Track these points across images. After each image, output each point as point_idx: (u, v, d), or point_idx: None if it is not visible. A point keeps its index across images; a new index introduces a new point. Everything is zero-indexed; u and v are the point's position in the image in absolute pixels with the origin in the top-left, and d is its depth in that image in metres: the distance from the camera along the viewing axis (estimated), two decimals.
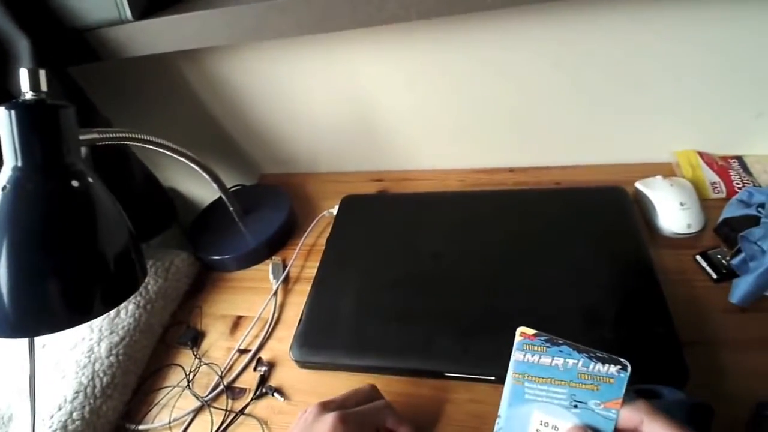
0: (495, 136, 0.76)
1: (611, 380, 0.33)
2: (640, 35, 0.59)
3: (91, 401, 0.55)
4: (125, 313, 0.62)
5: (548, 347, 0.34)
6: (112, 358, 0.58)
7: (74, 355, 0.58)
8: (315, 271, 0.66)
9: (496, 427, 0.35)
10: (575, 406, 0.33)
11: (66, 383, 0.56)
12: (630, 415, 0.32)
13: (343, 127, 0.79)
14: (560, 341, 0.34)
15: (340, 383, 0.55)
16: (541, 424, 0.33)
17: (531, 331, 0.35)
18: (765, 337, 0.50)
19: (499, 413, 0.34)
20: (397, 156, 0.83)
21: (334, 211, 0.75)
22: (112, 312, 0.61)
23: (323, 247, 0.69)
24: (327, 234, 0.71)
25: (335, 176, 0.87)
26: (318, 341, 0.57)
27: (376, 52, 0.67)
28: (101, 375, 0.57)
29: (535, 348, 0.34)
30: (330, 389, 0.55)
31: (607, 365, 0.33)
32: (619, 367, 0.33)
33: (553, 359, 0.34)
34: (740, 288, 0.52)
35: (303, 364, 0.57)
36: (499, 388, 0.36)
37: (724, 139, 0.69)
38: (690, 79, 0.63)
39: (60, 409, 0.53)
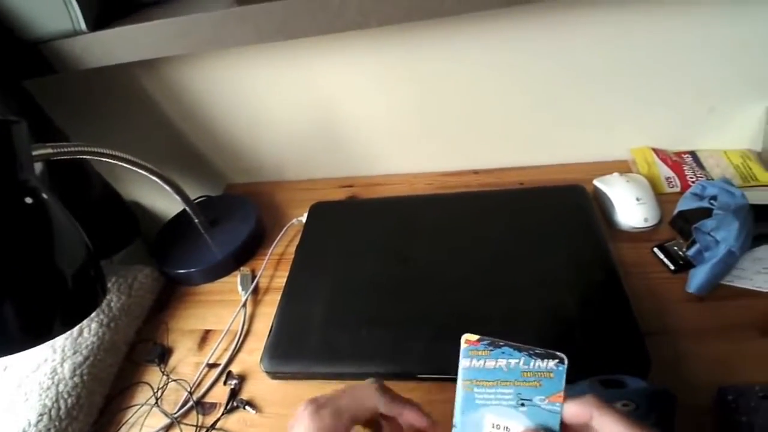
0: (459, 138, 0.77)
1: (551, 375, 0.33)
2: (594, 38, 0.61)
3: (57, 424, 0.53)
4: (88, 331, 0.60)
5: (491, 350, 0.35)
6: (76, 379, 0.56)
7: (37, 376, 0.56)
8: (285, 280, 0.65)
9: None
10: (522, 405, 0.33)
11: (29, 406, 0.54)
12: (580, 410, 0.32)
13: (309, 133, 0.79)
14: (501, 343, 0.35)
15: (313, 392, 0.53)
16: (493, 427, 0.34)
17: (474, 337, 0.35)
18: (722, 324, 0.51)
19: (453, 422, 0.35)
20: (365, 161, 0.83)
21: (303, 218, 0.74)
22: (75, 331, 0.60)
23: (293, 256, 0.69)
24: (296, 242, 0.71)
25: (303, 184, 0.87)
26: (289, 351, 0.56)
27: (340, 57, 0.67)
28: (66, 396, 0.55)
29: (480, 353, 0.35)
30: (302, 399, 0.53)
31: (546, 360, 0.34)
32: (557, 360, 0.34)
33: (497, 361, 0.34)
34: (697, 278, 0.54)
35: (274, 375, 0.56)
36: None
37: (678, 135, 0.72)
38: (643, 78, 0.65)
39: None
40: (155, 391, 0.59)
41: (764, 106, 0.66)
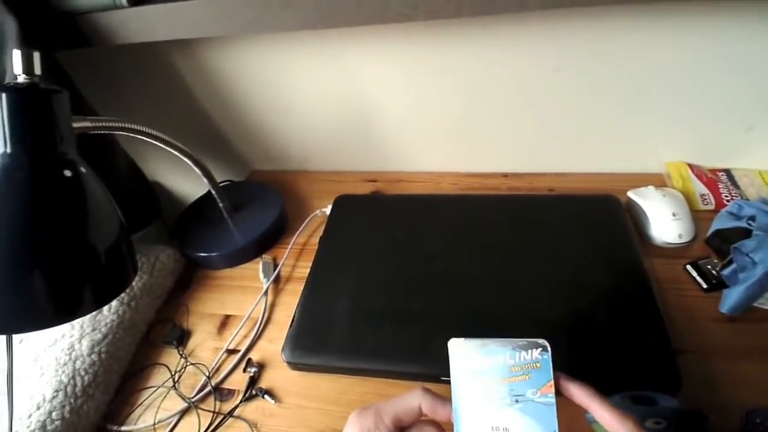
0: (490, 140, 0.76)
1: (538, 365, 0.33)
2: (636, 49, 0.60)
3: (72, 401, 0.53)
4: (108, 309, 0.60)
5: (479, 351, 0.34)
6: (93, 356, 0.56)
7: (54, 351, 0.56)
8: (307, 271, 0.64)
9: None
10: (517, 401, 0.32)
11: (45, 381, 0.53)
12: (619, 425, 0.31)
13: (337, 125, 0.78)
14: (487, 342, 0.34)
15: (333, 386, 0.54)
16: (492, 429, 0.33)
17: (461, 340, 0.35)
18: (754, 346, 0.51)
19: (454, 431, 0.33)
20: (391, 157, 0.82)
21: (327, 210, 0.73)
22: None
23: (315, 247, 0.68)
24: (319, 234, 0.70)
25: (328, 175, 0.86)
26: (311, 342, 0.56)
27: (375, 50, 0.67)
28: (82, 373, 0.55)
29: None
30: (322, 392, 0.54)
31: (530, 351, 0.33)
32: (540, 349, 0.33)
33: (485, 361, 0.34)
34: (731, 298, 0.53)
35: (295, 366, 0.56)
36: None
37: (713, 152, 0.71)
38: (682, 92, 0.64)
39: (39, 408, 0.51)
40: (173, 373, 0.58)
41: None
